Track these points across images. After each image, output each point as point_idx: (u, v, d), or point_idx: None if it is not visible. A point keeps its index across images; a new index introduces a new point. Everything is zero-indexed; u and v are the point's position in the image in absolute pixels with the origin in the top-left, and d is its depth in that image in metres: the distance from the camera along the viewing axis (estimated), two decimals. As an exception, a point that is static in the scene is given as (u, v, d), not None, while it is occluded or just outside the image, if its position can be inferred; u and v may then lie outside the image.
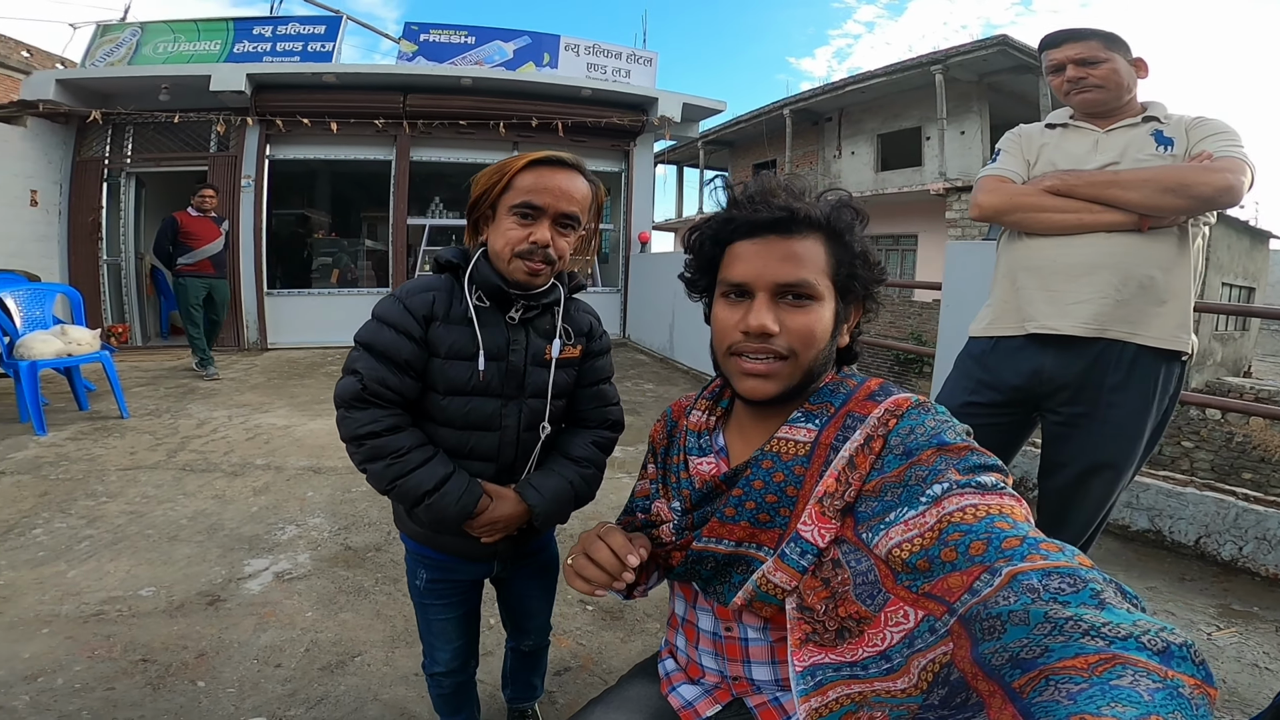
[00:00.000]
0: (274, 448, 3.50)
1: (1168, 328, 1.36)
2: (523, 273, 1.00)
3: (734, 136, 18.66)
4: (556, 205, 0.98)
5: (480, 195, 1.02)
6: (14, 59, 14.80)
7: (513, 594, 1.29)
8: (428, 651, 1.24)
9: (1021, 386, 1.48)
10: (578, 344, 1.12)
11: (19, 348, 3.59)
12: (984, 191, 1.51)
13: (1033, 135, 1.55)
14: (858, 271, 0.77)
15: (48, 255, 6.36)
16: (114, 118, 6.50)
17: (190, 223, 5.07)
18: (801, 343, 0.74)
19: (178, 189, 7.93)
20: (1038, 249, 1.45)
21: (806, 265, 0.74)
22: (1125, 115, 1.45)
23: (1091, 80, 1.43)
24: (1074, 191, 1.38)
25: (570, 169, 1.01)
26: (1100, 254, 1.36)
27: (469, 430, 1.04)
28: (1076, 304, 1.38)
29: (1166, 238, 1.35)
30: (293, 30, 7.00)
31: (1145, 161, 1.37)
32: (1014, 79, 12.02)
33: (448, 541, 1.10)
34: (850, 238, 0.77)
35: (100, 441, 3.48)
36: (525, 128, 7.10)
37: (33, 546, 2.26)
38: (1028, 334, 1.45)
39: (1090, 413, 1.41)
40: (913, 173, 14.05)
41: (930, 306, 12.47)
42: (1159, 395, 1.39)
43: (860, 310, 0.83)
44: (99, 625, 1.81)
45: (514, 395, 1.06)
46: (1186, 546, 2.47)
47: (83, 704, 1.49)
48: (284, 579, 2.11)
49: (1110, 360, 1.38)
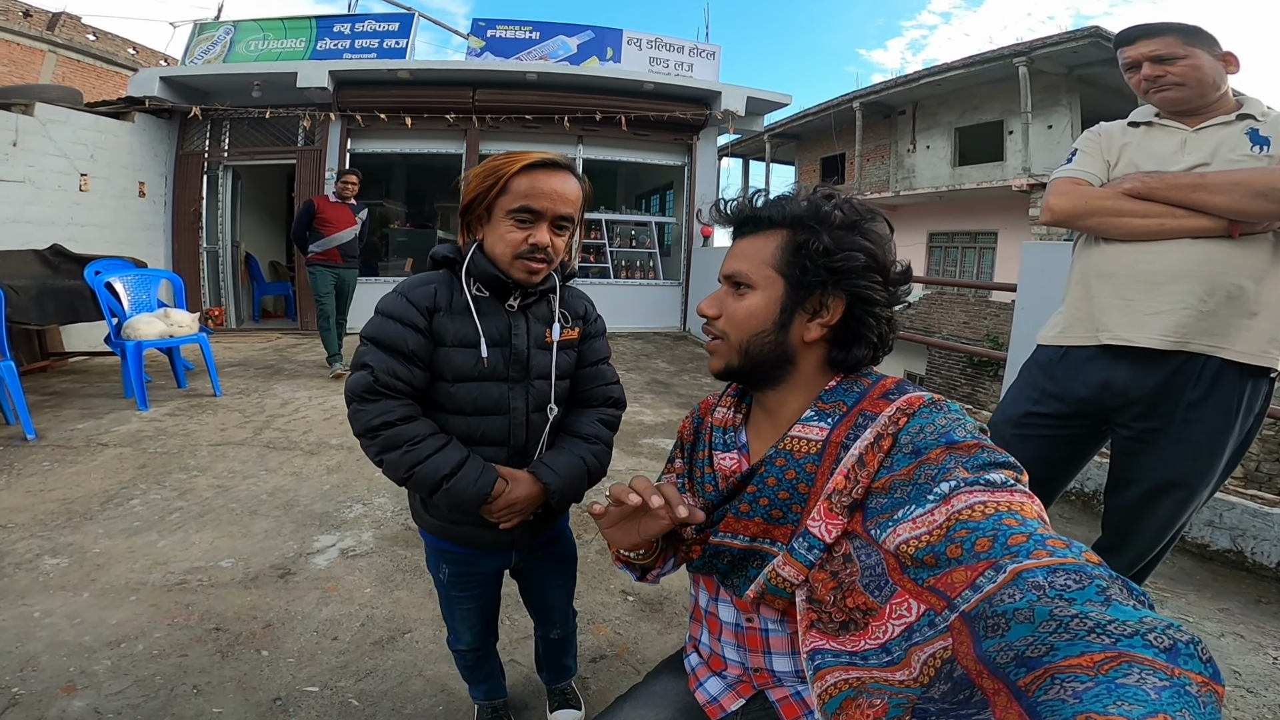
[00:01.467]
0: (347, 428, 3.68)
1: (1257, 342, 1.26)
2: (523, 272, 1.04)
3: (801, 130, 18.22)
4: (554, 208, 1.02)
5: (474, 197, 1.05)
6: (121, 56, 16.10)
7: (533, 586, 1.35)
8: (452, 630, 1.32)
9: (1089, 399, 1.40)
10: (575, 326, 1.16)
11: (126, 328, 3.92)
12: (1056, 194, 1.43)
13: (1114, 134, 1.45)
14: (813, 261, 0.76)
15: (154, 243, 6.86)
16: (212, 113, 6.96)
17: (327, 208, 4.88)
18: (731, 325, 0.82)
19: (271, 181, 8.49)
20: (1114, 255, 1.37)
21: (747, 258, 0.81)
22: (1217, 113, 1.34)
23: (1170, 78, 1.33)
24: (1155, 195, 1.30)
25: (564, 171, 1.04)
26: (1185, 261, 1.27)
27: (479, 415, 1.08)
28: (1155, 315, 1.29)
29: (1260, 245, 1.25)
30: (369, 27, 7.33)
31: (1238, 163, 1.27)
32: (1108, 72, 11.19)
33: (465, 533, 1.14)
34: (817, 225, 0.77)
35: (195, 418, 3.78)
36: (589, 122, 7.18)
37: (129, 516, 2.49)
38: (1100, 344, 1.37)
39: (1164, 429, 1.32)
40: (993, 168, 13.34)
41: (1008, 307, 11.85)
42: (1242, 414, 1.29)
43: (842, 304, 0.78)
44: (181, 594, 1.97)
45: (519, 379, 1.09)
46: (1268, 569, 2.30)
47: (157, 670, 1.62)
48: (348, 555, 2.25)
49: (1190, 375, 1.29)
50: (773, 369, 0.81)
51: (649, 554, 0.88)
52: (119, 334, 3.97)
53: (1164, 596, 2.16)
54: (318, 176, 7.03)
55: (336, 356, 5.11)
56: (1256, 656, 1.82)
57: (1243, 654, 1.84)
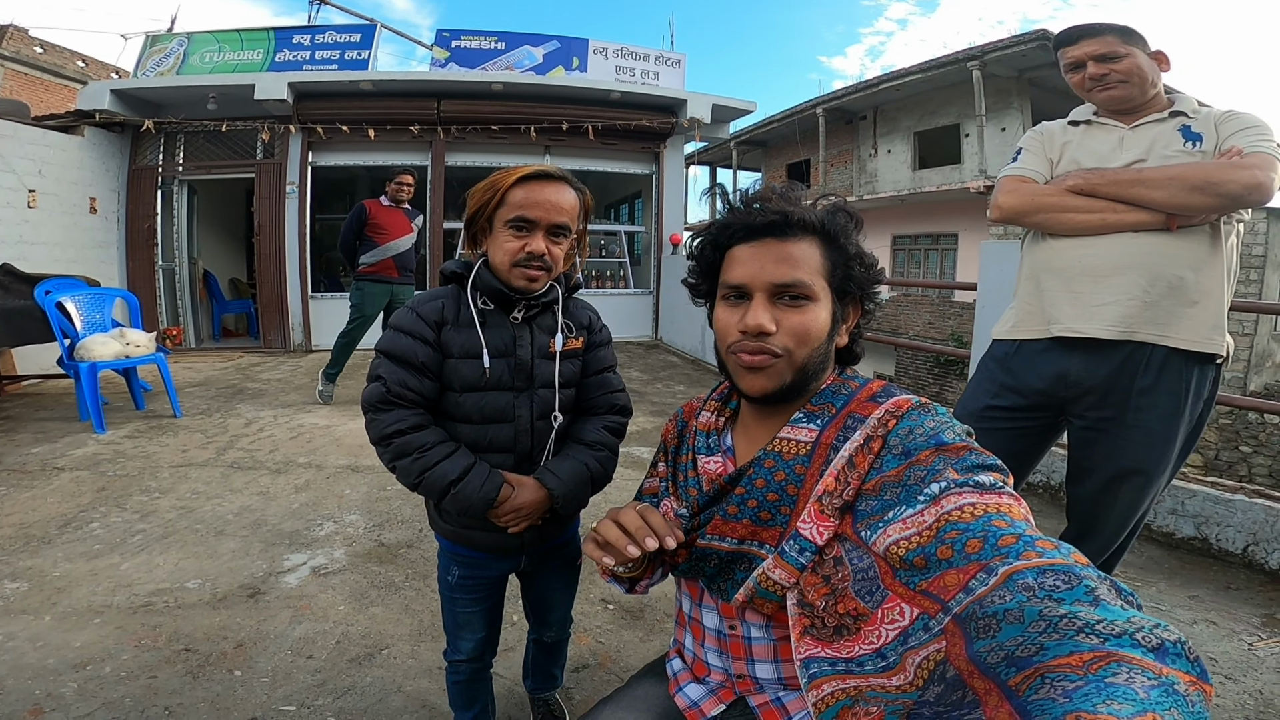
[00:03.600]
0: (315, 446, 3.64)
1: (1200, 329, 1.32)
2: (522, 280, 1.08)
3: (766, 136, 18.47)
4: (548, 217, 1.06)
5: (476, 211, 1.10)
6: (70, 69, 15.62)
7: (537, 587, 1.36)
8: (451, 641, 1.30)
9: (1045, 390, 1.45)
10: (579, 336, 1.19)
11: (80, 350, 3.78)
12: (1004, 192, 1.48)
13: (1055, 133, 1.51)
14: (853, 272, 0.79)
15: (107, 261, 6.64)
16: (166, 126, 6.77)
17: (380, 213, 4.24)
18: (796, 341, 0.76)
19: (228, 196, 8.29)
20: (1061, 250, 1.42)
21: (801, 266, 0.76)
22: (1151, 110, 1.41)
23: (1115, 76, 1.40)
24: (1097, 190, 1.35)
25: (558, 181, 1.08)
26: (1127, 254, 1.33)
27: (486, 423, 1.12)
28: (1102, 306, 1.35)
29: (1197, 236, 1.31)
30: (330, 39, 7.21)
31: (1172, 158, 1.33)
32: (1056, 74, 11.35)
33: (479, 538, 1.17)
34: (845, 240, 0.79)
35: (155, 440, 3.66)
36: (556, 131, 7.19)
37: (89, 539, 2.40)
38: (1052, 337, 1.42)
39: (1118, 417, 1.37)
40: (951, 170, 13.70)
41: (971, 307, 12.16)
42: (1191, 399, 1.34)
43: (859, 311, 0.85)
44: (147, 616, 1.91)
45: (524, 388, 1.13)
46: (1233, 555, 2.38)
47: (126, 691, 1.58)
48: (320, 573, 2.20)
49: (1139, 363, 1.34)
50: (811, 381, 0.79)
51: (636, 567, 0.89)
52: (72, 355, 3.83)
53: (1135, 586, 2.22)
54: (278, 190, 6.90)
55: (331, 377, 4.56)
56: (1231, 643, 1.88)
57: (1217, 641, 1.89)
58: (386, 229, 4.27)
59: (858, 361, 0.87)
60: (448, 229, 7.38)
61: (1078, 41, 1.44)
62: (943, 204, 13.63)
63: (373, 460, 3.35)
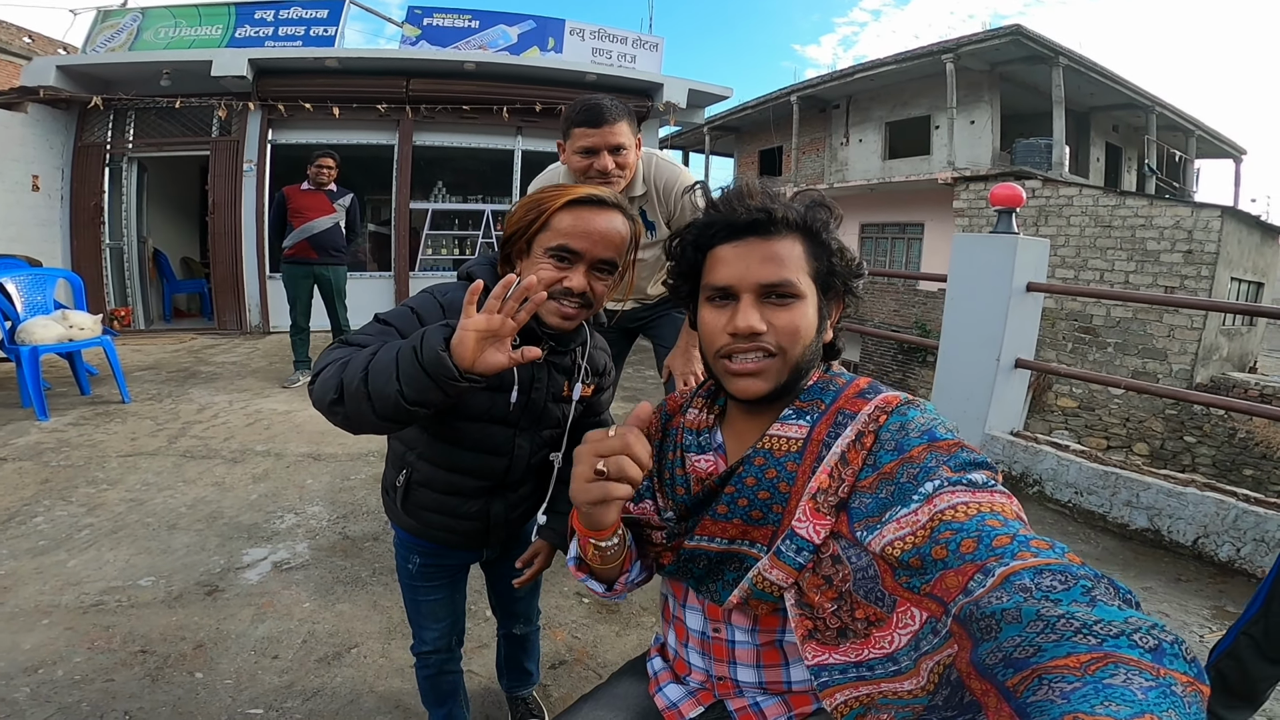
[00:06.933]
0: (274, 434, 3.51)
1: None
2: (556, 317, 0.94)
3: (740, 123, 18.50)
4: (594, 251, 0.93)
5: (515, 230, 0.96)
6: (15, 45, 14.74)
7: (501, 577, 1.31)
8: (416, 632, 1.26)
9: None
10: (592, 383, 1.10)
11: (20, 333, 3.59)
12: None
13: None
14: (836, 268, 0.78)
15: (49, 240, 6.34)
16: (115, 103, 6.44)
17: (298, 197, 4.30)
18: (789, 339, 0.75)
19: (181, 174, 7.94)
20: None
21: (787, 265, 0.75)
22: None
23: (628, 171, 1.47)
24: None
25: (611, 209, 0.95)
26: None
27: (481, 453, 1.05)
28: None
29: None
30: (295, 14, 6.91)
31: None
32: (1026, 69, 11.81)
33: (438, 535, 1.12)
34: (826, 235, 0.78)
35: (102, 427, 3.49)
36: (529, 113, 7.04)
37: (34, 535, 2.28)
38: None
39: None
40: (921, 161, 13.92)
41: (935, 296, 12.40)
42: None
43: (841, 306, 0.84)
44: (98, 616, 1.82)
45: (528, 427, 1.06)
46: (1184, 546, 2.46)
47: (82, 695, 1.50)
48: (282, 569, 2.12)
49: None
50: (802, 379, 0.78)
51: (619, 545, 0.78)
52: (12, 339, 3.63)
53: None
54: (235, 168, 6.62)
55: (303, 364, 4.56)
56: (1184, 635, 1.94)
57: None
58: (304, 211, 4.32)
59: (839, 357, 0.86)
60: (415, 209, 7.19)
61: (601, 126, 1.43)
62: (911, 194, 13.85)
63: (336, 449, 3.25)
